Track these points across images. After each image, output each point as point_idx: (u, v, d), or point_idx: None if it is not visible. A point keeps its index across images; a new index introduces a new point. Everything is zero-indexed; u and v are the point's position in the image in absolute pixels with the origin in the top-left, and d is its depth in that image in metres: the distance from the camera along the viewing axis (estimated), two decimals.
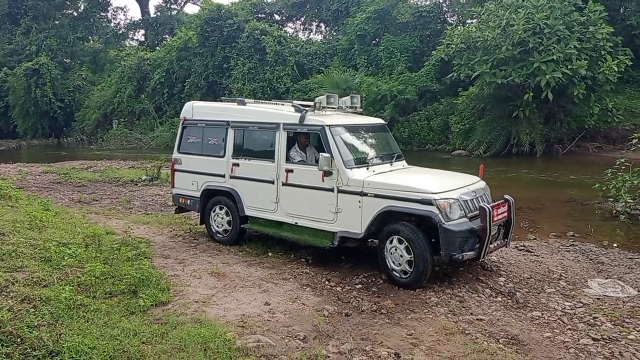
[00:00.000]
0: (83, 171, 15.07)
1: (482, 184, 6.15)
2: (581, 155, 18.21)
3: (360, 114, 7.30)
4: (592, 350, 4.19)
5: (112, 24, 40.92)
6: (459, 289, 5.42)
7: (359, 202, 5.68)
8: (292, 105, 6.76)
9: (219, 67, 28.01)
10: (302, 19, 32.88)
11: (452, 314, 4.81)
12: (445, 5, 25.80)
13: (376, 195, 5.56)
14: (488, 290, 5.46)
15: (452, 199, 5.34)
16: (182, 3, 43.07)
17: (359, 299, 5.19)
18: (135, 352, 3.69)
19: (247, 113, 6.93)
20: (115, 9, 41.44)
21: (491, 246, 5.52)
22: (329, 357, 3.97)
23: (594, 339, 4.35)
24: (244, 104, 7.10)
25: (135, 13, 62.25)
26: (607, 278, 5.99)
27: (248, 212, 6.75)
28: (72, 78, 34.72)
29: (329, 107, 6.70)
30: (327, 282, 5.66)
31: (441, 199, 5.26)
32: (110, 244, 6.21)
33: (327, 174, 5.85)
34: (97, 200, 10.69)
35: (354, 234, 5.79)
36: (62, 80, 33.55)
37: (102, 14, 39.81)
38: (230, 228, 6.97)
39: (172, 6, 41.94)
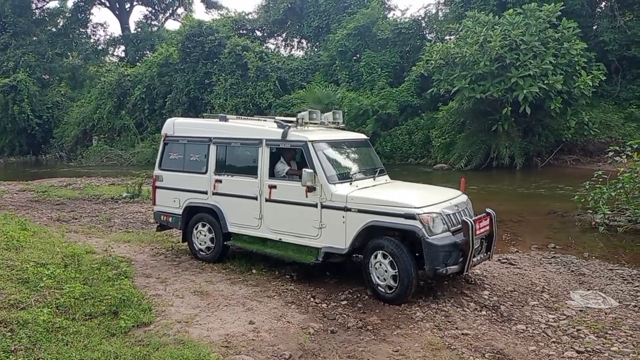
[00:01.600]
0: (62, 189, 14.79)
1: (464, 197, 6.20)
2: (559, 167, 18.57)
3: (343, 129, 7.34)
4: None
5: (92, 40, 40.62)
6: (444, 304, 5.42)
7: (343, 217, 5.66)
8: (275, 121, 6.74)
9: (201, 82, 27.97)
10: (284, 35, 33.12)
11: (438, 329, 4.80)
12: (424, 22, 26.28)
13: (360, 210, 5.56)
14: (473, 304, 5.48)
15: (434, 213, 5.35)
16: (163, 19, 43.09)
17: (345, 316, 5.16)
18: None
19: (230, 129, 6.89)
20: (94, 25, 41.16)
21: (474, 260, 5.55)
22: None
23: (578, 352, 4.39)
24: (226, 120, 7.07)
25: (115, 29, 61.91)
26: (588, 290, 6.07)
27: (231, 229, 6.68)
28: (51, 94, 34.26)
29: (311, 123, 6.71)
30: (312, 299, 5.61)
31: (424, 213, 5.27)
32: (90, 264, 6.07)
33: (310, 189, 5.83)
34: (76, 219, 10.49)
35: (338, 249, 5.76)
36: (40, 97, 33.05)
37: (81, 30, 39.52)
38: (213, 245, 6.88)
39: (153, 22, 41.90)
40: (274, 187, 6.25)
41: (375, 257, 5.52)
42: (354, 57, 26.48)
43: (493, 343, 4.52)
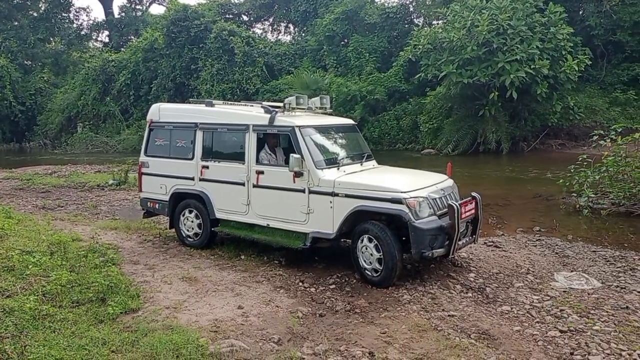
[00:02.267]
0: (47, 176, 14.60)
1: (450, 182, 6.24)
2: (545, 152, 18.77)
3: (330, 114, 7.31)
4: (560, 342, 4.30)
5: (75, 25, 39.77)
6: (431, 286, 5.49)
7: (330, 202, 5.69)
8: (262, 107, 6.72)
9: (187, 68, 27.63)
10: (271, 19, 32.77)
11: (425, 311, 4.86)
12: (412, 6, 26.18)
13: (347, 195, 5.58)
14: (459, 286, 5.55)
15: (421, 197, 5.41)
16: (147, 3, 42.34)
17: (333, 299, 5.20)
18: None
19: (216, 115, 6.81)
20: (77, 10, 40.44)
21: (460, 243, 5.63)
22: (303, 358, 3.96)
23: (561, 331, 4.48)
24: (212, 105, 6.98)
25: (98, 14, 60.92)
26: (572, 271, 6.18)
27: (219, 215, 6.67)
28: (34, 81, 33.61)
29: (298, 108, 6.67)
30: (300, 284, 5.65)
31: (410, 197, 5.32)
32: (76, 251, 6.04)
33: (298, 174, 5.84)
34: (62, 207, 10.38)
35: (325, 234, 5.79)
36: (22, 83, 32.44)
37: (63, 14, 38.65)
38: (201, 231, 6.86)
39: (137, 7, 41.13)
40: (262, 172, 6.24)
41: (362, 241, 5.58)
42: (342, 42, 26.32)
43: (478, 324, 4.60)
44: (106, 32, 40.37)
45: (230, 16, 31.59)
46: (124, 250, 6.71)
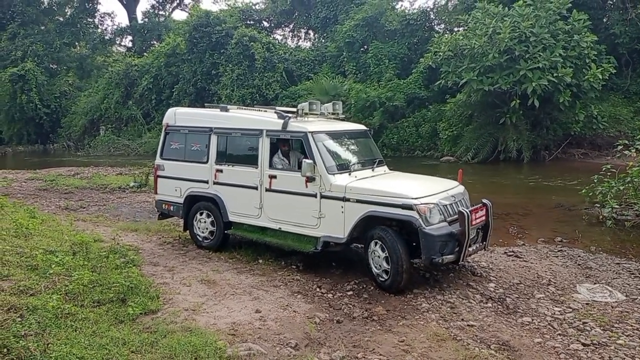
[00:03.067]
0: (70, 178, 14.88)
1: (461, 188, 6.22)
2: (567, 161, 18.45)
3: (342, 120, 7.35)
4: (582, 355, 4.21)
5: (99, 30, 40.55)
6: (450, 295, 5.43)
7: (342, 207, 5.72)
8: (275, 112, 6.78)
9: (208, 73, 27.94)
10: (291, 26, 32.97)
11: (444, 320, 4.81)
12: (432, 13, 26.06)
13: (358, 201, 5.62)
14: (478, 296, 5.48)
15: (432, 203, 5.40)
16: (170, 9, 42.98)
17: (350, 306, 5.18)
18: None
19: (231, 119, 6.93)
20: (102, 15, 41.10)
21: (470, 249, 5.60)
22: None
23: (584, 344, 4.39)
24: (227, 110, 7.10)
25: (122, 19, 62.06)
26: (595, 283, 6.05)
27: (232, 218, 6.75)
28: (59, 84, 34.35)
29: (311, 114, 6.72)
30: (318, 289, 5.64)
31: (421, 203, 5.32)
32: (98, 252, 6.13)
33: (310, 179, 5.89)
34: (84, 208, 10.56)
35: (336, 238, 5.82)
36: (48, 86, 33.16)
37: (89, 19, 39.47)
38: (214, 234, 6.96)
39: (160, 12, 41.79)
40: (274, 177, 6.32)
41: (372, 245, 5.60)
42: (362, 49, 26.31)
43: (499, 335, 4.53)
44: (129, 37, 41.08)
45: (251, 22, 31.86)
46: (144, 252, 6.79)
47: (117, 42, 41.75)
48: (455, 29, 23.38)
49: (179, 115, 7.49)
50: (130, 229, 8.31)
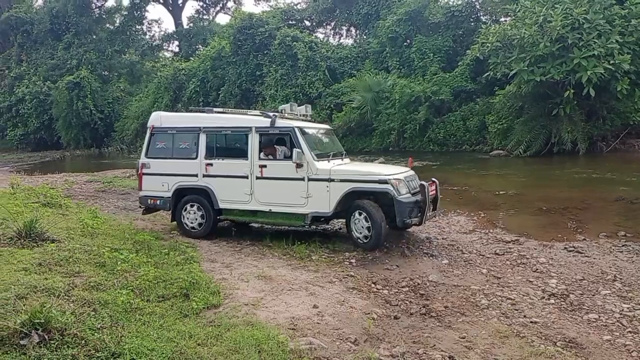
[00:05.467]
0: (125, 179, 15.51)
1: (412, 172, 7.49)
2: (627, 152, 17.54)
3: (311, 121, 8.42)
4: None
5: (148, 37, 42.20)
6: (510, 292, 5.31)
7: (327, 187, 6.95)
8: (261, 113, 8.02)
9: (252, 74, 28.38)
10: (333, 24, 32.98)
11: (505, 317, 4.71)
12: (478, 3, 25.37)
13: (342, 180, 6.90)
14: (540, 292, 5.33)
15: (400, 179, 6.83)
16: (214, 13, 43.99)
17: (407, 302, 5.15)
18: (192, 353, 3.75)
19: (220, 119, 7.88)
20: (150, 22, 42.70)
21: (428, 215, 7.00)
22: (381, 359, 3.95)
23: None
24: (212, 112, 8.07)
25: (169, 25, 64.05)
26: None
27: (222, 205, 7.63)
28: (111, 90, 35.87)
29: (290, 114, 7.89)
30: (373, 285, 5.64)
31: (393, 179, 6.76)
32: (159, 249, 6.37)
33: (298, 166, 6.98)
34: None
35: (323, 213, 7.04)
36: (101, 92, 34.71)
37: (137, 27, 41.04)
38: (204, 222, 7.73)
39: (204, 17, 42.85)
40: (264, 166, 7.37)
41: (354, 215, 6.86)
42: (405, 43, 25.97)
43: (564, 332, 4.39)
44: (176, 42, 42.36)
45: (293, 22, 32.10)
46: (201, 249, 6.99)
47: (165, 48, 43.29)
48: (503, 19, 22.68)
49: (164, 118, 8.38)
50: None
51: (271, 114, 7.55)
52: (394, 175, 6.88)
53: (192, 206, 7.78)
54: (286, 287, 5.43)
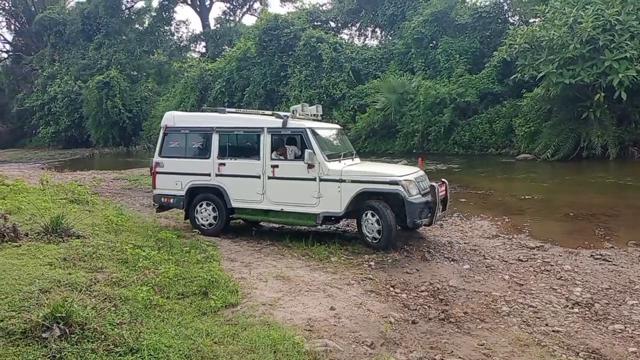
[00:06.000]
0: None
1: (422, 172, 7.59)
2: None
3: (321, 121, 8.40)
4: None
5: (175, 37, 42.89)
6: (532, 299, 5.19)
7: (339, 187, 7.03)
8: (272, 114, 8.05)
9: (277, 75, 28.54)
10: (358, 25, 32.92)
11: (526, 325, 4.60)
12: (506, 4, 24.95)
13: (353, 181, 6.97)
14: (563, 300, 5.20)
15: (410, 180, 6.91)
16: (240, 14, 44.41)
17: (426, 307, 5.09)
18: (208, 351, 3.78)
19: (232, 119, 7.96)
20: (178, 23, 43.64)
21: (438, 215, 7.06)
22: None
23: None
24: (225, 112, 8.14)
25: (196, 26, 65.16)
26: None
27: (235, 205, 7.72)
28: (139, 89, 36.62)
29: (300, 115, 7.92)
30: (391, 289, 5.59)
31: (404, 180, 6.83)
32: (180, 247, 6.45)
33: (310, 166, 7.07)
34: None
35: (334, 213, 7.12)
36: (130, 92, 35.47)
37: (165, 28, 41.82)
38: (216, 221, 7.84)
39: (231, 18, 43.29)
40: (276, 166, 7.45)
41: (365, 215, 6.92)
42: (431, 44, 25.72)
43: (587, 342, 4.27)
44: (203, 43, 42.95)
45: (318, 23, 32.18)
46: (221, 248, 7.06)
47: (192, 49, 43.95)
48: (532, 20, 22.25)
49: (177, 118, 8.44)
50: None
51: (282, 114, 7.62)
52: (404, 176, 6.95)
53: (205, 205, 7.89)
54: (304, 288, 5.43)
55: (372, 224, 6.87)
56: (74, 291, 4.27)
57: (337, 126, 8.78)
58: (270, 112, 8.34)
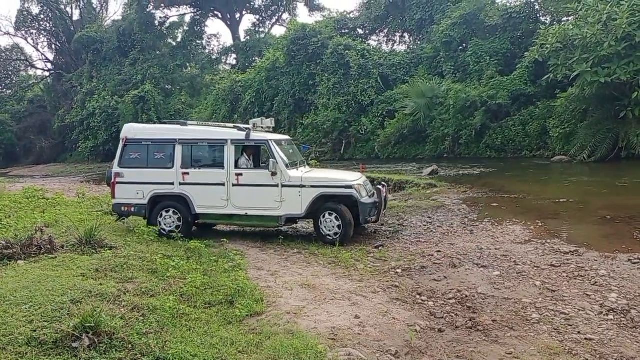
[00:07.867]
0: None
1: (365, 178, 8.78)
2: None
3: (272, 132, 9.09)
4: None
5: (207, 51, 43.79)
6: (564, 306, 5.03)
7: (299, 192, 7.88)
8: (234, 126, 8.75)
9: (305, 84, 28.75)
10: (385, 31, 32.81)
11: (557, 333, 4.46)
12: (537, 4, 24.39)
13: (312, 186, 7.88)
14: (597, 307, 5.01)
15: (360, 184, 8.04)
16: (270, 26, 45.01)
17: (453, 315, 5.01)
18: None
19: (195, 132, 8.54)
20: (209, 37, 44.33)
21: (383, 212, 8.40)
22: None
23: None
24: (186, 125, 8.72)
25: (227, 39, 66.45)
26: None
27: (199, 211, 8.20)
28: (173, 103, 37.56)
29: (260, 127, 8.60)
30: (417, 297, 5.53)
31: (356, 184, 7.96)
32: (209, 256, 6.58)
33: (273, 174, 7.82)
34: None
35: (296, 215, 8.00)
36: (164, 105, 36.42)
37: (197, 41, 42.78)
38: (181, 225, 8.16)
39: (260, 29, 43.95)
40: (240, 174, 8.09)
41: (324, 216, 7.83)
42: (460, 47, 25.36)
43: (622, 350, 4.10)
44: (234, 55, 43.70)
45: (346, 31, 32.25)
46: (249, 257, 7.15)
47: (223, 61, 44.71)
48: (564, 19, 21.66)
49: (137, 130, 8.81)
50: (236, 235, 8.77)
51: (244, 127, 8.35)
52: (356, 181, 8.07)
53: (168, 212, 8.23)
54: (329, 297, 5.43)
55: (332, 222, 7.79)
56: (103, 301, 4.42)
57: (288, 137, 9.72)
58: (232, 125, 9.01)
